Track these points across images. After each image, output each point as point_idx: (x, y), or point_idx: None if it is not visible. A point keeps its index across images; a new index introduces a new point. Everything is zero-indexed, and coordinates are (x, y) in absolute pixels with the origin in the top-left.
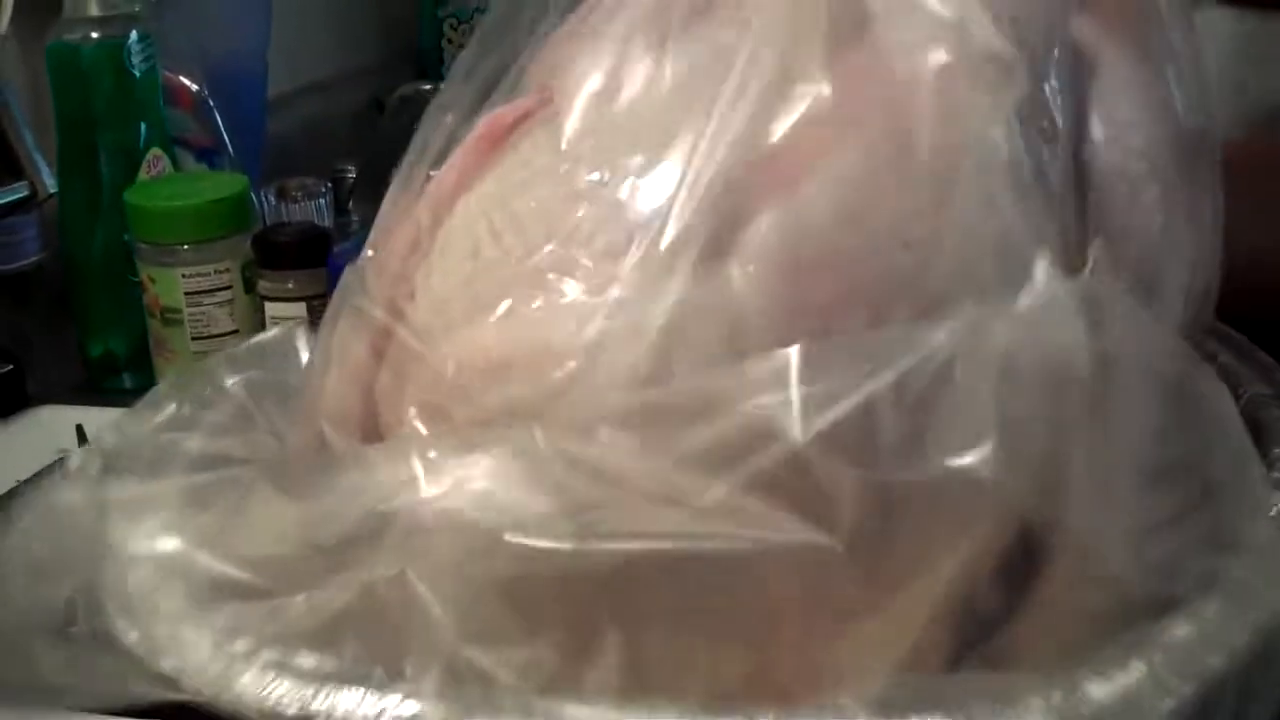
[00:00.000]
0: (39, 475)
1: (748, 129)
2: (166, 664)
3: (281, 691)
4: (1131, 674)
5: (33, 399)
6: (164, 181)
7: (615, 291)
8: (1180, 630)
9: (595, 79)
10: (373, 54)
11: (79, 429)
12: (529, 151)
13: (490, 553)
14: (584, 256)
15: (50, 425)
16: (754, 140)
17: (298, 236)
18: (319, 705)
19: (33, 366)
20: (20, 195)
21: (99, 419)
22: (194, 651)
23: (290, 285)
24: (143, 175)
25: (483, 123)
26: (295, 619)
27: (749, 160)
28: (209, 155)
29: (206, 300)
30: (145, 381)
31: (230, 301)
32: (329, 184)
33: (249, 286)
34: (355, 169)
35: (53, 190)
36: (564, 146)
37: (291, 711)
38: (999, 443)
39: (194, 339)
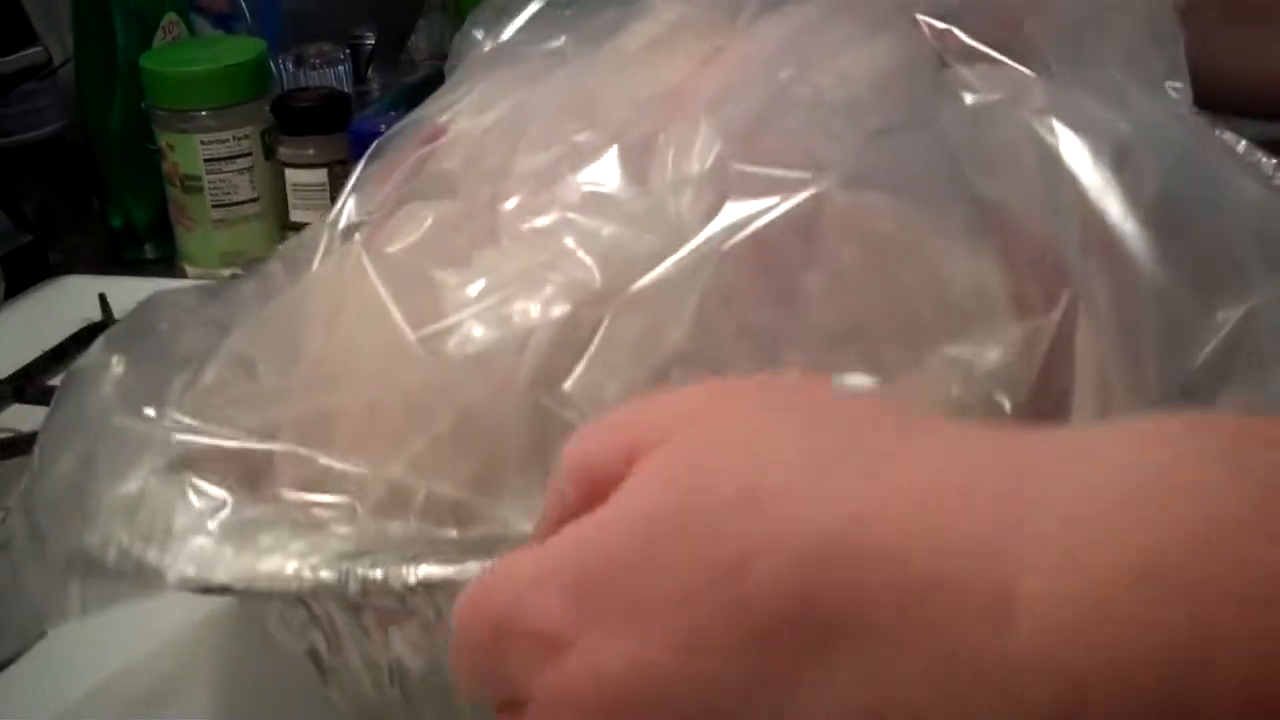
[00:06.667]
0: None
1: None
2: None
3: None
4: None
5: (55, 269)
6: (180, 46)
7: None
8: None
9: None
10: None
11: (102, 298)
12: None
13: None
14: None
15: (72, 295)
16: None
17: (318, 101)
18: None
19: (55, 237)
20: (34, 61)
21: (121, 289)
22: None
23: (311, 151)
24: (158, 41)
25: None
26: None
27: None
28: (225, 21)
29: (226, 167)
30: (167, 251)
31: (250, 168)
32: (347, 51)
33: (269, 153)
34: (373, 36)
35: (67, 56)
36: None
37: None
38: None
39: (214, 206)
